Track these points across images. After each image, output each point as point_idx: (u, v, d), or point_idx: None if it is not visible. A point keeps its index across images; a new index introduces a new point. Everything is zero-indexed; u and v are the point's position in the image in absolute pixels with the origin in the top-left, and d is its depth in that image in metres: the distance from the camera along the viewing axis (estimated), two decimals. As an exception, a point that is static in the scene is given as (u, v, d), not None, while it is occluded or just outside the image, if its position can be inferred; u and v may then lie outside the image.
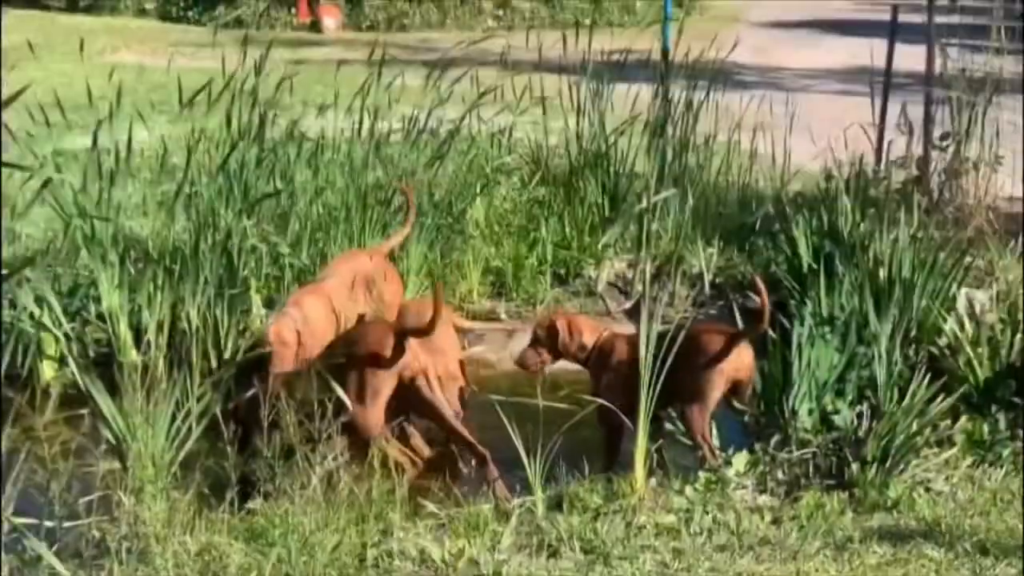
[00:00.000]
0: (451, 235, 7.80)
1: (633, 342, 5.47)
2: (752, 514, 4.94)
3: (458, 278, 7.75)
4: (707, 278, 7.57)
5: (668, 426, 5.56)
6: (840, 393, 5.63)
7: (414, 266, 7.40)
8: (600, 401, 5.49)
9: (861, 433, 5.27)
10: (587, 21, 16.00)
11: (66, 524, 4.56)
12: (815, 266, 6.81)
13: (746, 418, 5.65)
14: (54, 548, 4.13)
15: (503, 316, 7.64)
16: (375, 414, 5.33)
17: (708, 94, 8.71)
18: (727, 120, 8.89)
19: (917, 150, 8.48)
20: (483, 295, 7.77)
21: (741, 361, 5.46)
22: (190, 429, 5.15)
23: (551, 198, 8.33)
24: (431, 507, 5.02)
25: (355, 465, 5.17)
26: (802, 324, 5.80)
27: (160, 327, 6.25)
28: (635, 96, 8.79)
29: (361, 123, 7.66)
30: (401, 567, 4.57)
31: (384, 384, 5.36)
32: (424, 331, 5.42)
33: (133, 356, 6.36)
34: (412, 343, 5.41)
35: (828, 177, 8.09)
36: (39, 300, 6.26)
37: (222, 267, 6.64)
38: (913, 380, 5.47)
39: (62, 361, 6.44)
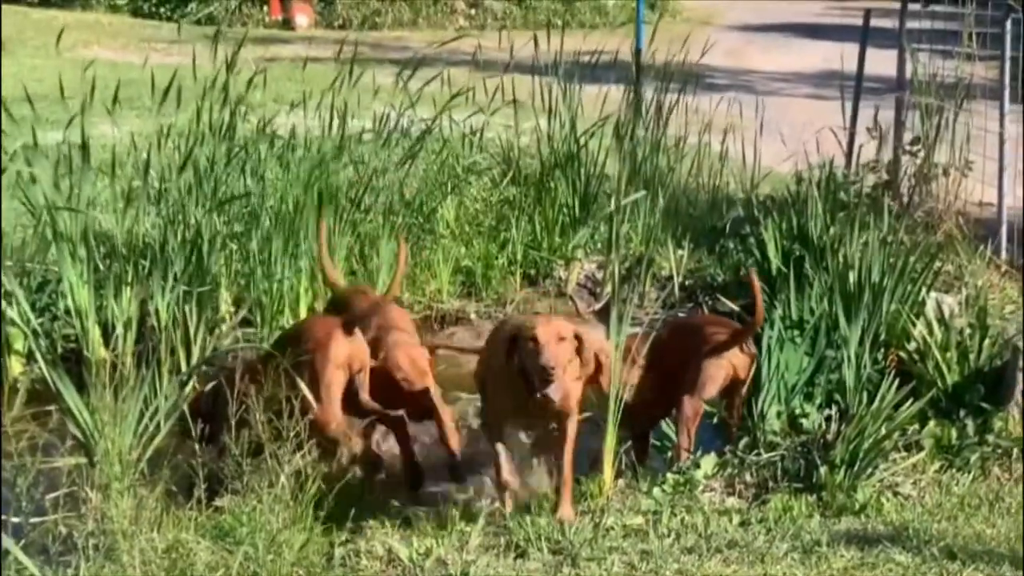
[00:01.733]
0: (421, 234, 7.79)
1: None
2: (720, 516, 4.94)
3: (428, 277, 7.74)
4: (677, 280, 7.58)
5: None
6: (809, 396, 5.65)
7: (384, 264, 7.37)
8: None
9: (829, 436, 5.28)
10: (559, 22, 16.04)
11: (33, 520, 4.53)
12: (784, 269, 6.82)
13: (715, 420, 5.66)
14: (20, 544, 4.08)
15: (473, 316, 7.64)
16: (331, 410, 5.29)
17: (679, 96, 8.73)
18: (698, 122, 8.90)
19: (887, 154, 8.52)
20: (453, 295, 7.76)
21: (743, 358, 5.47)
22: (158, 426, 5.12)
23: (522, 198, 8.33)
24: (397, 504, 5.01)
25: (324, 464, 5.15)
26: (771, 327, 5.82)
27: (128, 324, 6.21)
28: (605, 97, 8.80)
29: (331, 121, 7.64)
30: (368, 566, 4.57)
31: (334, 378, 5.29)
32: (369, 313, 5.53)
33: (101, 352, 6.33)
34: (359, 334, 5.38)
35: (798, 180, 8.12)
36: (7, 295, 6.21)
37: (191, 264, 6.61)
38: (882, 384, 5.49)
39: (30, 357, 6.41)
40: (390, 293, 6.02)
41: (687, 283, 7.82)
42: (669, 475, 5.25)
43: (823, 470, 5.12)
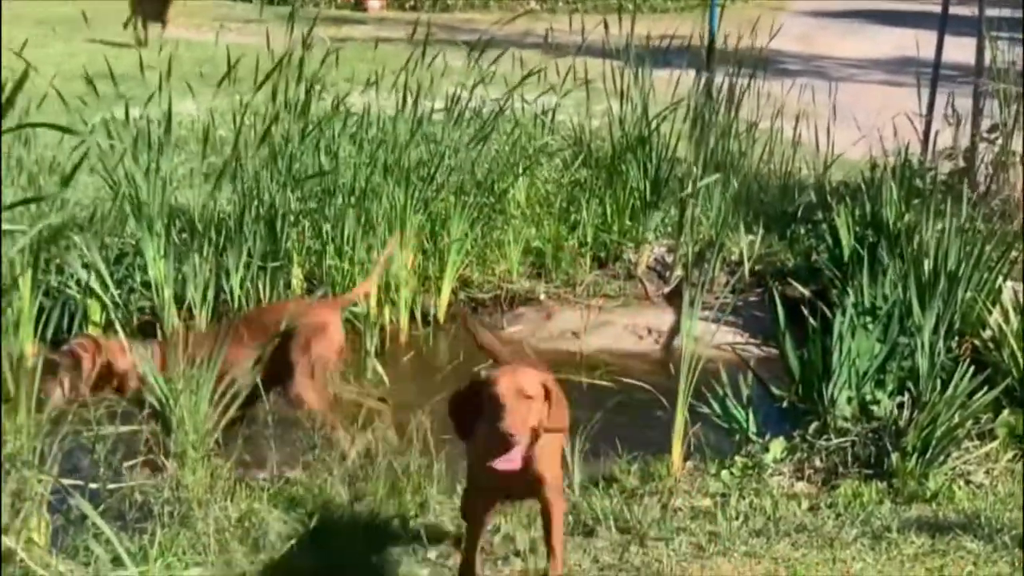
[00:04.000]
0: (492, 215, 7.81)
1: None
2: (789, 500, 4.94)
3: (498, 258, 7.76)
4: (747, 265, 7.56)
5: (704, 409, 5.55)
6: (880, 383, 5.62)
7: (455, 245, 7.42)
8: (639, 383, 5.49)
9: (901, 423, 5.26)
10: (630, 5, 15.98)
11: (110, 486, 4.61)
12: (858, 255, 6.78)
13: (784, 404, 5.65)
14: (99, 509, 4.16)
15: (542, 297, 7.65)
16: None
17: (751, 81, 8.69)
18: (770, 107, 8.86)
19: (964, 141, 8.42)
20: (522, 275, 7.78)
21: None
22: (232, 399, 5.18)
23: (592, 181, 8.32)
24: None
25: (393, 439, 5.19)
26: (843, 313, 5.79)
27: (203, 297, 6.29)
28: (677, 81, 8.77)
29: (404, 101, 7.67)
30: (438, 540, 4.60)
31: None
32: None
33: (176, 325, 6.41)
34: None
35: (873, 166, 8.05)
36: (87, 266, 6.31)
37: (265, 239, 6.68)
38: (955, 372, 5.45)
39: (107, 327, 6.50)
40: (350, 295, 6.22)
41: (757, 268, 7.78)
42: (738, 458, 5.25)
43: (894, 457, 5.10)
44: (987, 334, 6.00)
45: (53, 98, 7.10)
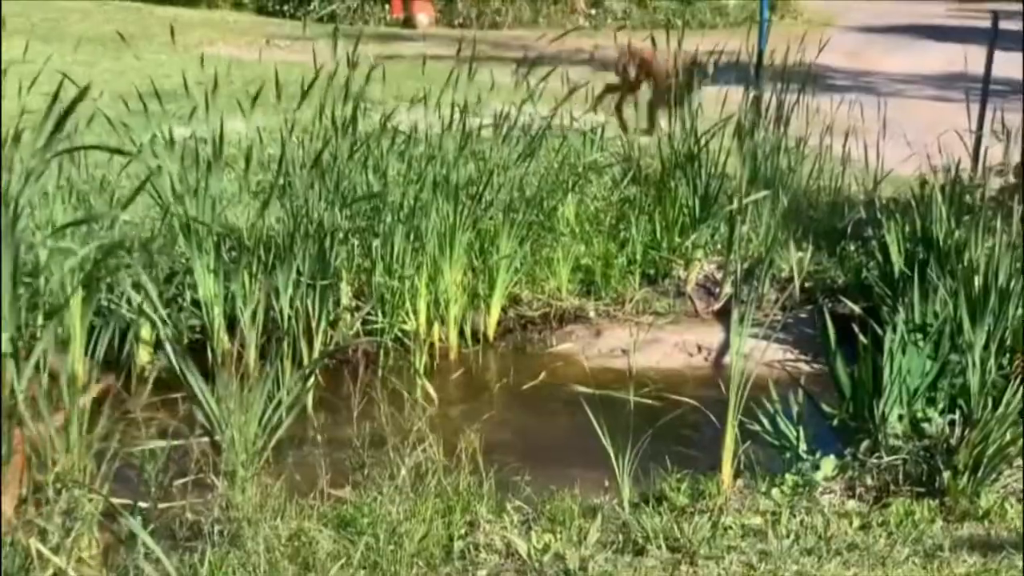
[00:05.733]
0: (541, 232, 7.81)
1: None
2: (840, 519, 4.90)
3: (547, 275, 7.76)
4: (797, 282, 7.51)
5: (754, 427, 5.52)
6: (931, 401, 5.57)
7: (504, 262, 7.42)
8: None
9: (953, 441, 5.21)
10: (679, 21, 15.96)
11: (161, 505, 4.63)
12: (908, 272, 6.73)
13: (834, 422, 5.61)
14: (149, 528, 4.18)
15: (591, 314, 7.65)
16: None
17: (800, 97, 8.66)
18: (819, 123, 8.82)
19: (1014, 157, 8.34)
20: (572, 293, 7.78)
21: None
22: (281, 418, 5.20)
23: (642, 198, 8.32)
24: (517, 502, 5.03)
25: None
26: (894, 331, 5.74)
27: (253, 316, 6.32)
28: (725, 97, 8.75)
29: (452, 118, 7.70)
30: (487, 559, 4.60)
31: None
32: None
33: (226, 344, 6.45)
34: None
35: (923, 183, 7.99)
36: (136, 286, 6.35)
37: (314, 258, 6.71)
38: (1007, 390, 5.39)
39: (157, 346, 6.55)
40: None
41: (807, 285, 7.74)
42: (788, 476, 5.21)
43: (946, 475, 5.05)
44: (1040, 351, 5.93)
45: (102, 117, 7.17)
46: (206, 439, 4.97)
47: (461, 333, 7.32)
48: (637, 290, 7.87)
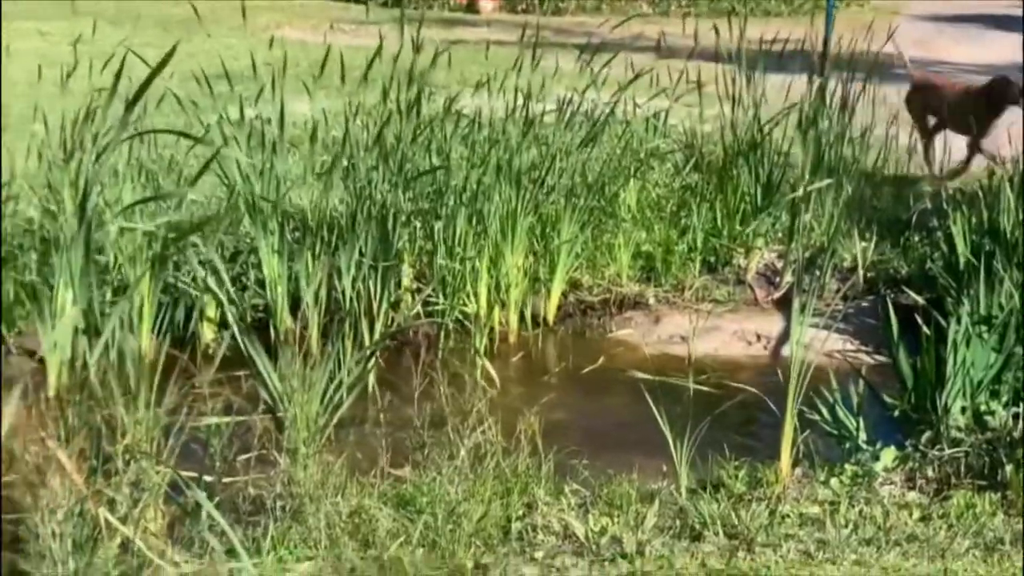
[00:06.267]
0: (602, 218, 7.82)
1: None
2: (900, 510, 4.88)
3: (608, 261, 7.77)
4: (861, 272, 7.46)
5: (813, 416, 5.51)
6: (995, 394, 5.53)
7: (565, 247, 7.44)
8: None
9: (1016, 434, 5.17)
10: (743, 9, 15.87)
11: (224, 480, 4.70)
12: (974, 263, 6.67)
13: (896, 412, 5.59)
14: (213, 502, 4.24)
15: (651, 301, 7.66)
16: None
17: (865, 86, 8.60)
18: (885, 113, 8.76)
19: (1082, 149, 8.25)
20: (632, 279, 7.79)
21: None
22: (342, 398, 5.25)
23: (703, 185, 8.30)
24: (575, 485, 5.05)
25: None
26: (958, 322, 5.70)
27: (316, 296, 6.37)
28: (789, 86, 8.71)
29: (515, 103, 7.72)
30: (544, 541, 4.63)
31: None
32: None
33: (288, 323, 6.51)
34: None
35: (990, 174, 7.93)
36: (203, 264, 6.43)
37: (377, 239, 6.75)
38: (1073, 384, 5.35)
39: (221, 324, 6.64)
40: None
41: (869, 275, 7.70)
42: (847, 466, 5.20)
43: (1008, 468, 5.02)
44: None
45: (171, 97, 7.26)
46: (269, 416, 5.02)
47: (521, 317, 7.34)
48: (697, 277, 7.85)
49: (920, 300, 6.52)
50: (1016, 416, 5.31)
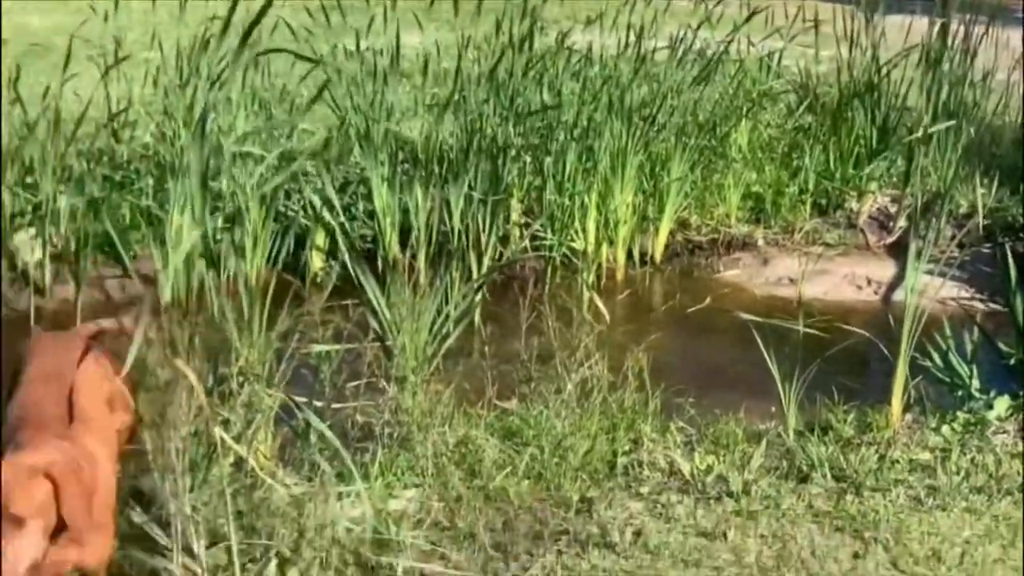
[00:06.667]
0: (713, 157, 7.73)
1: None
2: (1012, 459, 4.79)
3: (717, 201, 7.70)
4: (979, 218, 7.30)
5: (925, 363, 5.43)
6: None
7: (674, 186, 7.38)
8: None
9: None
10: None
11: (334, 406, 4.74)
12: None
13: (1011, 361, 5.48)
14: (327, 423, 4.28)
15: (760, 243, 7.58)
16: None
17: (988, 29, 8.38)
18: (1007, 58, 8.53)
19: None
20: (741, 220, 7.71)
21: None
22: (450, 329, 5.26)
23: (817, 127, 8.16)
24: (681, 423, 5.04)
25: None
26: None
27: (425, 228, 6.40)
28: (909, 27, 8.51)
29: (627, 40, 7.63)
30: (650, 477, 4.62)
31: None
32: None
33: (397, 254, 6.54)
34: None
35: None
36: (316, 193, 6.48)
37: (487, 173, 6.74)
38: None
39: (330, 254, 6.69)
40: None
41: (986, 223, 7.53)
42: (959, 414, 5.11)
43: None
44: None
45: (284, 27, 7.29)
46: (378, 344, 5.06)
47: (629, 255, 7.32)
48: (807, 220, 7.76)
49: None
50: None
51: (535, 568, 3.96)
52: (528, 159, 7.21)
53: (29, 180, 6.80)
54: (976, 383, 5.31)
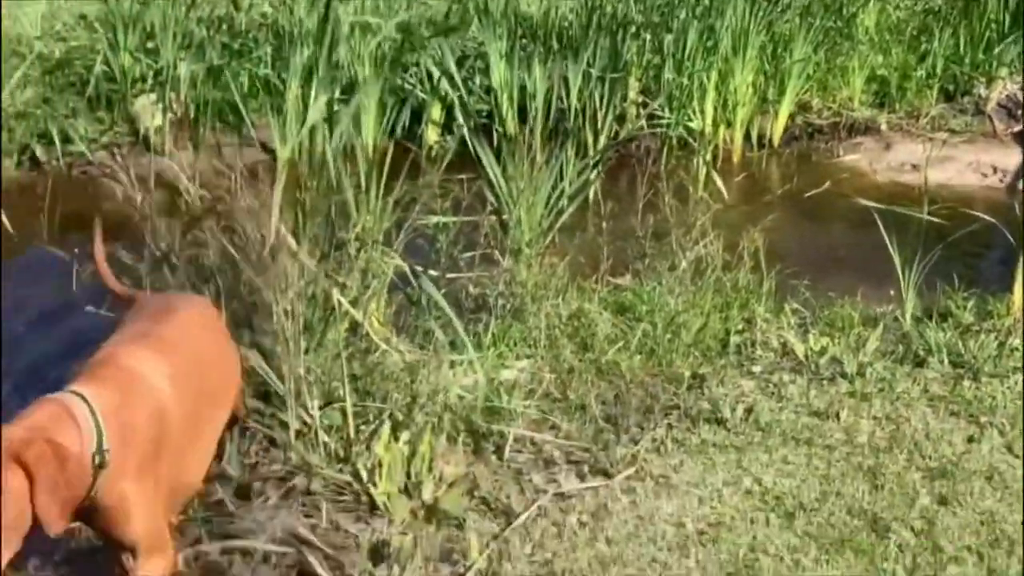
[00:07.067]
0: (838, 39, 7.56)
1: None
2: None
3: (840, 84, 7.54)
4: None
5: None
6: None
7: (796, 69, 7.23)
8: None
9: None
10: None
11: (449, 275, 4.77)
12: None
13: None
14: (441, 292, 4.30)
15: (883, 127, 7.42)
16: None
17: None
18: None
19: None
20: (864, 103, 7.55)
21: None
22: (564, 205, 5.24)
23: (947, 9, 7.94)
24: (795, 304, 4.99)
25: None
26: None
27: (544, 104, 6.35)
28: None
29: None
30: (763, 356, 4.60)
31: None
32: None
33: (512, 129, 6.51)
34: None
35: None
36: (436, 65, 6.46)
37: (606, 50, 6.66)
38: None
39: (445, 128, 6.69)
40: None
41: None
42: (1083, 306, 5.00)
43: None
44: None
45: None
46: (494, 217, 5.06)
47: (746, 136, 7.21)
48: (933, 105, 7.58)
49: None
50: None
51: (645, 440, 3.96)
52: (648, 36, 7.11)
53: (150, 45, 6.87)
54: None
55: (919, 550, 3.41)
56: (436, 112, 6.80)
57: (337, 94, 5.65)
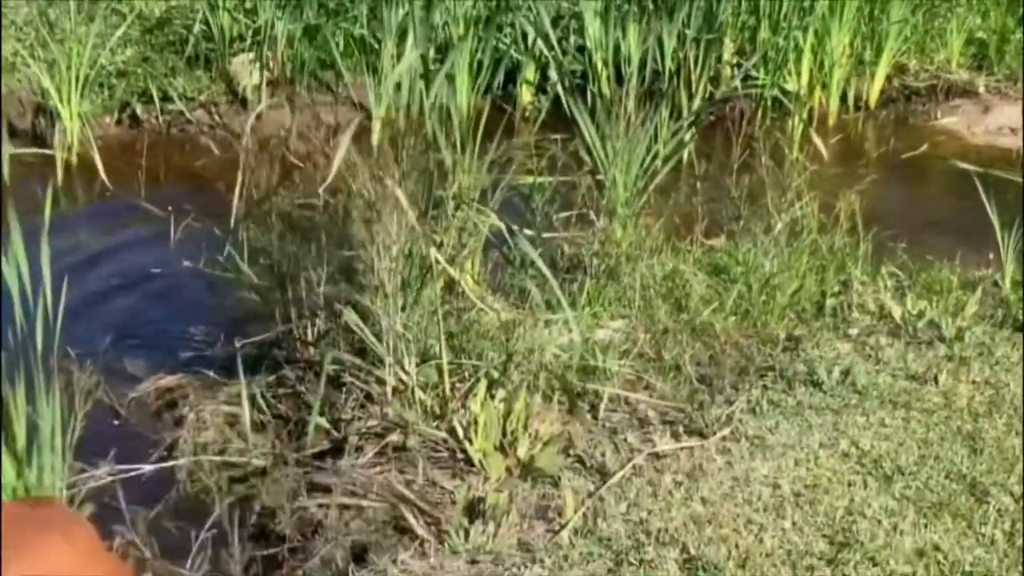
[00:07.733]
0: (936, 1, 7.45)
1: None
2: None
3: (938, 46, 7.44)
4: None
5: None
6: None
7: (893, 30, 7.14)
8: None
9: None
10: None
11: (544, 235, 4.79)
12: None
13: None
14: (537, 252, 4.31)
15: (981, 90, 7.31)
16: None
17: None
18: None
19: None
20: (962, 66, 7.44)
21: None
22: (658, 166, 5.23)
23: (1048, -29, 7.79)
24: (892, 267, 4.94)
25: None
26: None
27: (640, 64, 6.32)
28: None
29: None
30: (859, 319, 4.57)
31: None
32: None
33: (607, 89, 6.49)
34: None
35: None
36: (531, 24, 6.43)
37: (702, 11, 6.61)
38: None
39: (539, 88, 6.69)
40: None
41: None
42: None
43: None
44: None
45: None
46: (590, 177, 5.06)
47: (842, 98, 7.14)
48: (1032, 69, 7.45)
49: None
50: None
51: (740, 401, 3.97)
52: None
53: (248, 5, 6.94)
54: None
55: (1018, 515, 3.39)
56: (530, 72, 6.81)
57: (433, 52, 5.72)
